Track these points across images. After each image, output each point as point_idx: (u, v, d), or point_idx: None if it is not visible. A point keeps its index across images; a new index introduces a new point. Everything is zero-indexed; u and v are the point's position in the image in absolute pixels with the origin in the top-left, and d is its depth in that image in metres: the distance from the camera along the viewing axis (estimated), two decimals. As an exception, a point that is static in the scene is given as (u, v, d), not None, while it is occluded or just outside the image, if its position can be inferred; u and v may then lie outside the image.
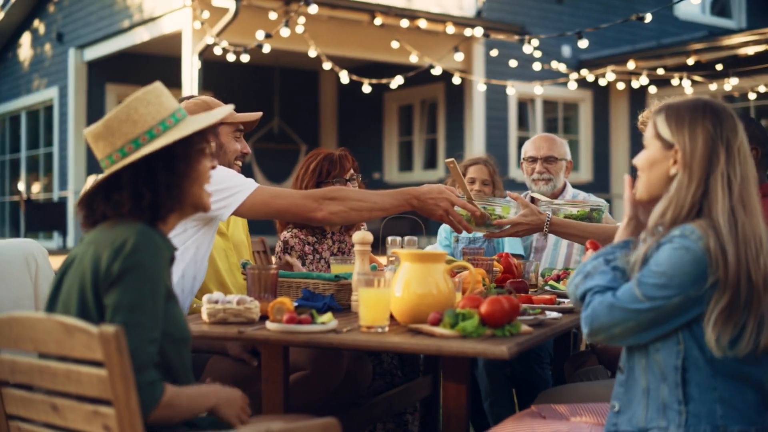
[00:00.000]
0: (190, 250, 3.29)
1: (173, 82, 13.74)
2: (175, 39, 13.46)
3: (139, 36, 14.31)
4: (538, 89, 12.08)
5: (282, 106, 17.55)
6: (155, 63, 15.74)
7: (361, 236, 3.12)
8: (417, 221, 4.02)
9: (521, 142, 16.20)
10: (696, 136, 2.34)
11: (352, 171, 4.28)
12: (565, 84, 12.91)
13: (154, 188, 2.29)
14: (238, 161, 3.66)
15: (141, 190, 2.27)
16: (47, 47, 17.14)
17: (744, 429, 2.28)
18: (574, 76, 12.64)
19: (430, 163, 16.95)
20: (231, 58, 11.04)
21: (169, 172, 2.31)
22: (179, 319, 2.31)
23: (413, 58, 12.22)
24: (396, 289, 2.77)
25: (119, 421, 2.00)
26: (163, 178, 2.30)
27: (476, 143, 15.04)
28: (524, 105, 16.21)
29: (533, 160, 4.72)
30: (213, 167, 2.46)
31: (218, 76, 15.37)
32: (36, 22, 17.65)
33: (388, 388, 4.09)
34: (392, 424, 4.14)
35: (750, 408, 2.30)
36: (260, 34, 9.77)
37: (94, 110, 15.83)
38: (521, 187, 5.09)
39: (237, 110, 3.52)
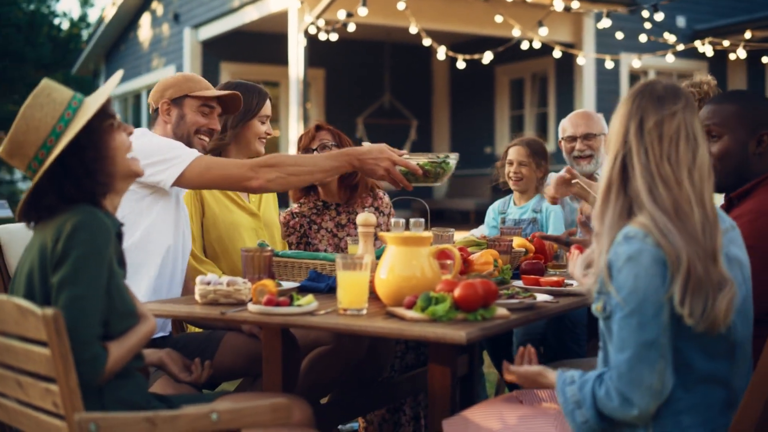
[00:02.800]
0: (141, 224, 3.35)
1: (282, 59, 13.98)
2: (282, 17, 13.67)
3: (249, 15, 14.59)
4: (636, 62, 11.77)
5: (393, 81, 17.63)
6: (265, 41, 16.06)
7: (364, 218, 3.13)
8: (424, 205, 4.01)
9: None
10: (617, 113, 2.32)
11: (323, 141, 4.30)
12: (679, 55, 12.53)
13: (74, 181, 2.35)
14: (202, 136, 3.64)
15: (63, 187, 2.34)
16: (165, 27, 17.66)
17: None
18: (683, 47, 12.26)
19: (541, 136, 16.75)
20: (323, 36, 11.15)
21: (82, 163, 2.37)
22: (123, 293, 2.39)
23: (516, 32, 12.06)
24: (381, 272, 2.80)
25: (62, 398, 2.10)
26: (79, 170, 2.36)
27: (587, 117, 14.77)
28: (637, 78, 15.82)
29: (572, 138, 4.73)
30: (129, 133, 2.53)
31: (327, 52, 15.55)
32: (154, 4, 18.21)
33: (419, 359, 4.11)
34: (422, 394, 4.15)
35: (714, 412, 2.25)
36: (341, 14, 9.83)
37: (209, 88, 16.22)
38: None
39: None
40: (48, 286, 2.29)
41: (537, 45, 11.55)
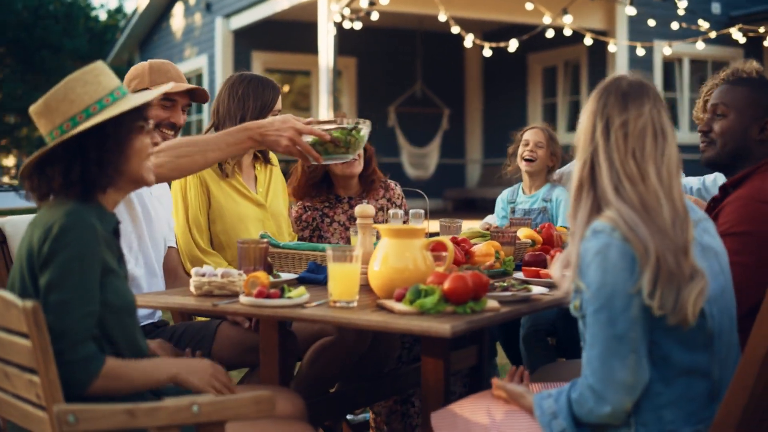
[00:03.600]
0: None
1: (312, 48, 14.00)
2: (312, 6, 13.68)
3: (280, 4, 14.62)
4: (666, 50, 11.64)
5: (425, 70, 17.59)
6: (295, 30, 16.08)
7: (362, 210, 3.13)
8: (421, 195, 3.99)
9: (669, 103, 15.81)
10: (584, 111, 2.32)
11: None
12: (713, 42, 12.38)
13: (84, 164, 2.37)
14: (164, 129, 3.60)
15: (71, 166, 2.36)
16: (197, 17, 17.73)
17: (695, 430, 2.22)
18: (715, 34, 12.11)
19: (574, 125, 16.59)
20: (347, 25, 11.16)
21: (99, 149, 2.38)
22: (120, 289, 2.39)
23: (547, 20, 11.98)
24: (375, 264, 2.80)
25: (43, 389, 2.12)
26: (93, 156, 2.38)
27: (619, 105, 14.63)
28: (671, 65, 15.67)
29: None
30: (155, 143, 2.55)
31: (358, 41, 15.54)
32: (187, -7, 18.31)
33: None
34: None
35: (697, 405, 2.23)
36: (364, 2, 9.83)
37: (241, 78, 16.27)
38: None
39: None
40: (38, 285, 2.31)
41: (568, 32, 11.45)
